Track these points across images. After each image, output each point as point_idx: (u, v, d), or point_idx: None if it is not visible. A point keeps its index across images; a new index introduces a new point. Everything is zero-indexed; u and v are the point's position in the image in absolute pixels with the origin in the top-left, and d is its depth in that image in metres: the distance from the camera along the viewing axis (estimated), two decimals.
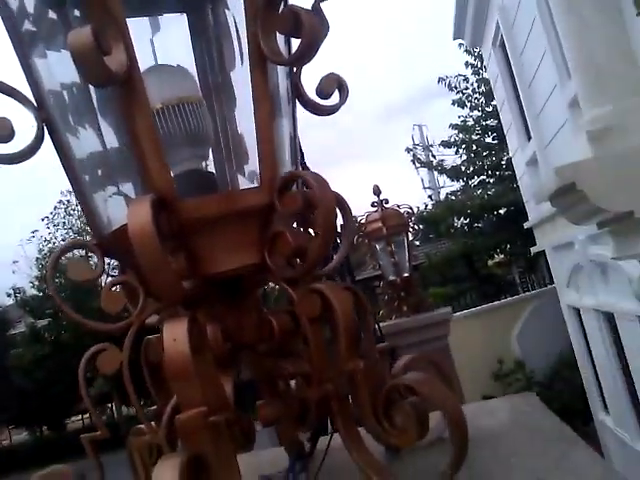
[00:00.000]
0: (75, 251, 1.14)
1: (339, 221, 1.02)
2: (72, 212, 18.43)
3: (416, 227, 5.49)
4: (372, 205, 4.98)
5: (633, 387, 4.86)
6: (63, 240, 17.89)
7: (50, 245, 18.16)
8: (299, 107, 1.10)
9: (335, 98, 1.06)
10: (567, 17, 3.54)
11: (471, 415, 0.87)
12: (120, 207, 1.00)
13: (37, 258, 18.57)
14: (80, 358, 1.00)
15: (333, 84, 1.05)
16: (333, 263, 1.01)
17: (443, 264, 12.46)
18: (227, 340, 0.96)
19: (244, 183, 1.02)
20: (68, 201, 18.43)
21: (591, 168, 2.80)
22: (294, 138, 1.10)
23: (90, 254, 1.03)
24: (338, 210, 1.00)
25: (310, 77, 1.10)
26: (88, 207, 1.03)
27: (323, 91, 1.05)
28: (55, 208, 18.67)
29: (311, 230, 1.00)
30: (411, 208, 5.21)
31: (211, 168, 1.03)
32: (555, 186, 3.02)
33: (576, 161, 2.97)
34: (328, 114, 1.08)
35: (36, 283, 18.32)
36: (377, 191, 4.92)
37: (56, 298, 1.04)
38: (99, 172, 1.05)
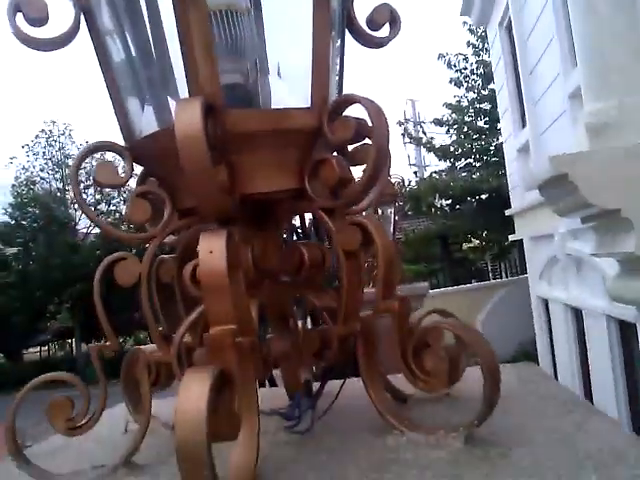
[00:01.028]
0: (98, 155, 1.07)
1: None
2: (53, 143, 17.96)
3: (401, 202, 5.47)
4: (363, 171, 4.94)
5: (589, 384, 4.97)
6: (42, 170, 17.48)
7: (28, 174, 17.71)
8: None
9: (386, 30, 1.01)
10: (580, 6, 3.50)
11: None
12: (156, 113, 0.95)
13: (13, 185, 18.09)
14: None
15: (385, 15, 1.00)
16: (369, 198, 0.97)
17: (419, 242, 12.51)
18: (255, 264, 0.92)
19: (292, 103, 0.96)
20: (50, 131, 17.95)
21: (586, 161, 2.79)
22: (341, 67, 1.04)
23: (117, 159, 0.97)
24: None
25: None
26: (121, 110, 0.96)
27: (374, 21, 1.01)
28: (37, 137, 18.16)
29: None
30: (403, 179, 5.17)
31: (258, 84, 0.97)
32: (547, 175, 3.02)
33: (572, 152, 2.97)
34: (377, 47, 1.03)
35: (9, 210, 17.85)
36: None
37: (82, 205, 0.98)
38: (138, 75, 0.98)
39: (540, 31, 5.60)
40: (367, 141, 0.92)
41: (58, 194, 16.36)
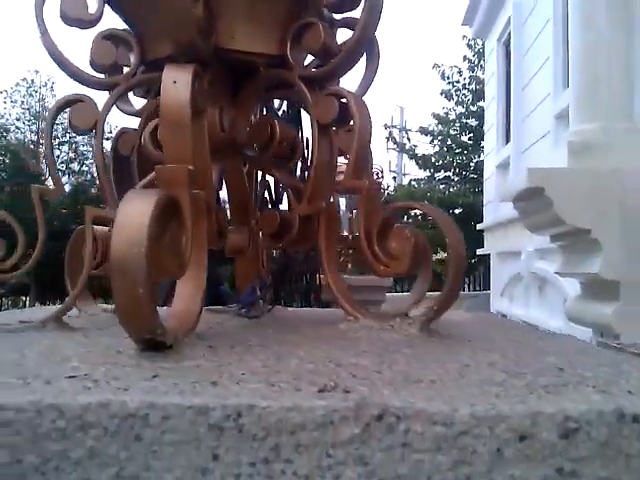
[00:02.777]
0: None
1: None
2: (34, 93, 17.45)
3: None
4: (344, 157, 4.89)
5: None
6: (17, 119, 16.96)
7: (2, 121, 17.17)
8: None
9: None
10: (581, 27, 3.51)
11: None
12: None
13: None
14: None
15: None
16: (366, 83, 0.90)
17: None
18: (222, 129, 0.85)
19: None
20: (32, 81, 17.47)
21: (563, 178, 2.79)
22: None
23: None
24: None
25: None
26: None
27: None
28: (17, 84, 17.65)
29: None
30: (382, 169, 5.14)
31: None
32: (524, 187, 3.02)
33: (551, 167, 2.97)
34: None
35: None
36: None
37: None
38: None
39: (537, 49, 5.64)
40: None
41: (32, 146, 15.90)
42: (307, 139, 0.94)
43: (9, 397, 0.43)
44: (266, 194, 1.02)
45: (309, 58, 0.92)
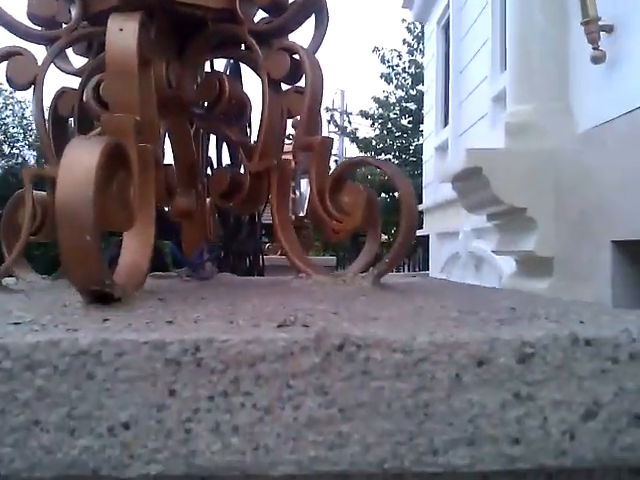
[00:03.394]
0: None
1: None
2: None
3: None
4: (288, 137, 4.87)
5: None
6: None
7: None
8: None
9: None
10: (517, 11, 3.59)
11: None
12: None
13: None
14: None
15: None
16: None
17: None
18: (169, 85, 0.83)
19: None
20: None
21: (500, 158, 2.87)
22: None
23: None
24: None
25: None
26: None
27: None
28: None
29: None
30: (332, 139, 5.13)
31: None
32: (462, 167, 3.08)
33: (488, 148, 3.04)
34: None
35: None
36: (296, 124, 4.81)
37: None
38: None
39: (475, 33, 5.73)
40: None
41: None
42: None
43: None
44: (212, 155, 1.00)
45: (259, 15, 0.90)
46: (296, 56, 0.82)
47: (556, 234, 2.36)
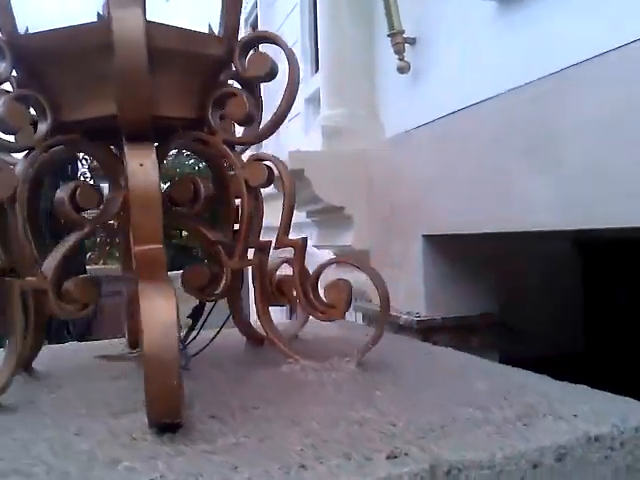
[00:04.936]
0: None
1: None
2: None
3: None
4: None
5: None
6: None
7: None
8: None
9: None
10: (326, 17, 3.84)
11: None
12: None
13: None
14: None
15: None
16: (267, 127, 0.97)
17: None
18: None
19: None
20: None
21: (319, 159, 3.11)
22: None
23: None
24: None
25: None
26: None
27: None
28: None
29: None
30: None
31: None
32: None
33: (308, 150, 3.28)
34: None
35: None
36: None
37: None
38: None
39: (286, 33, 5.92)
40: None
41: None
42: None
43: None
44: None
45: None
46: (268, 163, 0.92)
47: (370, 229, 2.62)
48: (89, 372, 0.99)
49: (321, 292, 0.92)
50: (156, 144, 0.87)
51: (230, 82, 0.96)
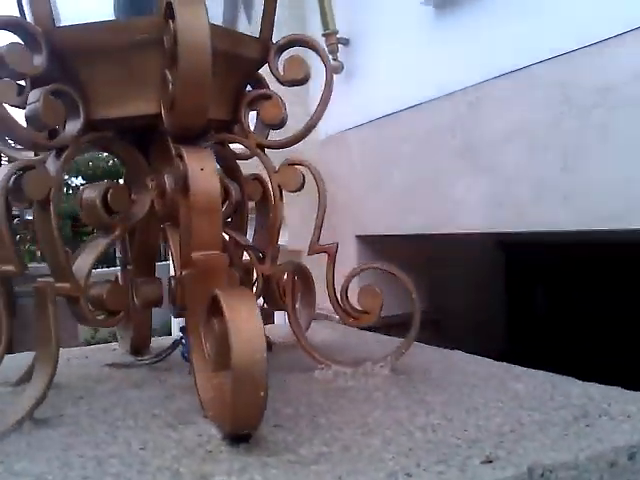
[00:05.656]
0: None
1: None
2: None
3: None
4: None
5: None
6: None
7: None
8: None
9: None
10: None
11: None
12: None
13: None
14: None
15: None
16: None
17: None
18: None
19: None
20: None
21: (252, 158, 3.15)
22: None
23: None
24: None
25: None
26: None
27: None
28: None
29: None
30: None
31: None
32: None
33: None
34: None
35: None
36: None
37: None
38: None
39: None
40: None
41: None
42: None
43: None
44: None
45: None
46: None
47: (305, 229, 2.63)
48: (103, 381, 0.95)
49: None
50: None
51: None
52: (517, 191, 1.21)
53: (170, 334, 4.10)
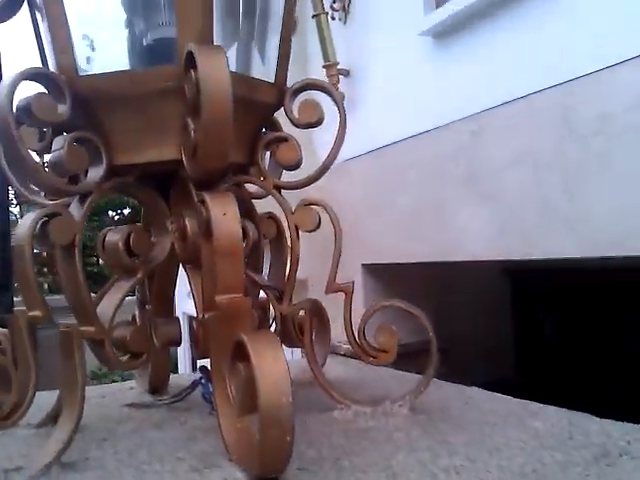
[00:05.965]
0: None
1: None
2: None
3: None
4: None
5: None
6: None
7: None
8: None
9: None
10: None
11: None
12: (116, 50, 0.83)
13: None
14: None
15: None
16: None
17: None
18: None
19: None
20: None
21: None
22: None
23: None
24: None
25: None
26: (60, 37, 0.80)
27: None
28: None
29: None
30: None
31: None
32: None
33: None
34: None
35: None
36: None
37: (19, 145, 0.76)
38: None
39: None
40: None
41: None
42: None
43: None
44: None
45: None
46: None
47: (309, 258, 2.63)
48: (124, 421, 0.95)
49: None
50: None
51: None
52: (521, 218, 1.22)
53: (177, 370, 4.09)
